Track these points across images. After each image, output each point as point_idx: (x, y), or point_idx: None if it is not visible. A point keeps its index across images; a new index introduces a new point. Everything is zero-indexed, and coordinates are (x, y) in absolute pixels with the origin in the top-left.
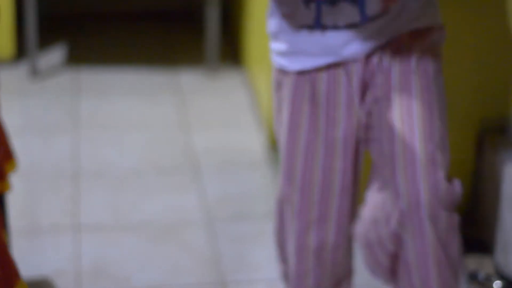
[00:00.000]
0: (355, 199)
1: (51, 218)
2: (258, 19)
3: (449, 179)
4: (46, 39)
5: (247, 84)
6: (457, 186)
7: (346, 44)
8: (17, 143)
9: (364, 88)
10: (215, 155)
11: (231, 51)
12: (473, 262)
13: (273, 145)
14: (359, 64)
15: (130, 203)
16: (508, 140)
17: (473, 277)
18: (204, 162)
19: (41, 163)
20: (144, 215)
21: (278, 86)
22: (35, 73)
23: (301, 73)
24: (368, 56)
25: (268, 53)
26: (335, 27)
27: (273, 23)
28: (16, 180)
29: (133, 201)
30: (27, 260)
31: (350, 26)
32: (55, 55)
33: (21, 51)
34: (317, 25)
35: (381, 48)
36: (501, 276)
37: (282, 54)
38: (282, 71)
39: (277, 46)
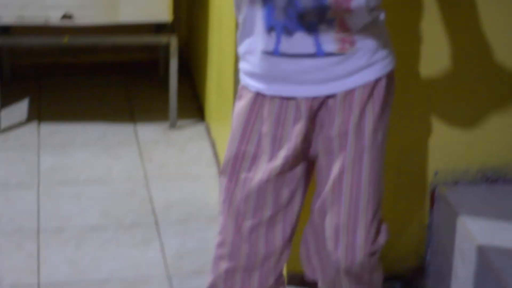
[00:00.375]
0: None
1: (11, 276)
2: (218, 72)
3: (377, 228)
4: (8, 94)
5: (207, 138)
6: (382, 237)
7: (298, 77)
8: None
9: (311, 128)
10: (174, 209)
11: (192, 104)
12: None
13: None
14: (309, 104)
15: (90, 259)
16: (461, 193)
17: None
18: (163, 217)
19: (1, 219)
20: (105, 271)
21: (239, 99)
22: None
23: (258, 94)
24: (319, 100)
25: (228, 107)
26: (291, 57)
27: (241, 46)
28: None
29: (93, 257)
30: None
31: (306, 57)
32: (18, 111)
33: None
34: (276, 52)
35: (333, 100)
36: None
37: (246, 73)
38: (245, 88)
39: (242, 65)
